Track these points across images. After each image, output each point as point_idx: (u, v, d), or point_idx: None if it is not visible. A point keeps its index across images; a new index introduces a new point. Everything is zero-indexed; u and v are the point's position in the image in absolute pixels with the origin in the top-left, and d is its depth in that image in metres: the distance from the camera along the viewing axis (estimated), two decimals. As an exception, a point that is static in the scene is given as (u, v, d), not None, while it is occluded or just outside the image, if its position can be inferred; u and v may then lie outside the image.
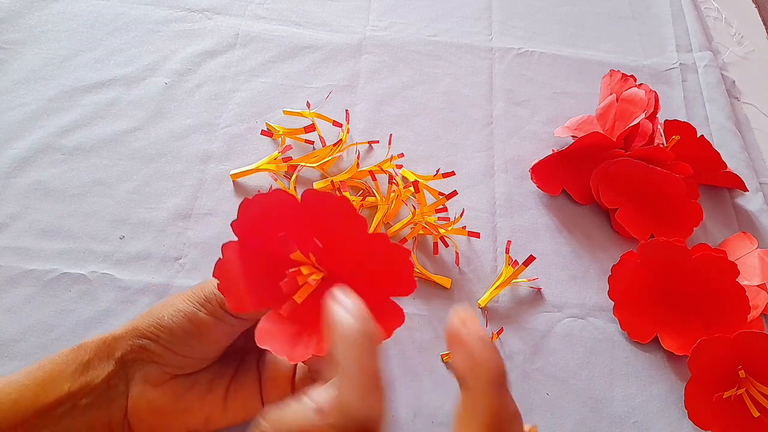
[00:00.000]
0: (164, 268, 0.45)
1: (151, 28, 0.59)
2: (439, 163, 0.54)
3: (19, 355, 0.40)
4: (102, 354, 0.31)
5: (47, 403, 0.29)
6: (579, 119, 0.56)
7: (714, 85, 0.62)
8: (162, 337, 0.31)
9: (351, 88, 0.58)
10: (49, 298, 0.42)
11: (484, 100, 0.59)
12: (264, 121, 0.54)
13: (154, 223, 0.47)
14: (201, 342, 0.32)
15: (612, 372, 0.44)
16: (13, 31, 0.57)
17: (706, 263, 0.44)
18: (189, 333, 0.31)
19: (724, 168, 0.52)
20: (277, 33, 0.61)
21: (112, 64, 0.56)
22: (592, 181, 0.51)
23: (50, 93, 0.53)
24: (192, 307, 0.31)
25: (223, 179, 0.50)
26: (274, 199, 0.29)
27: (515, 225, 0.51)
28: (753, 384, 0.40)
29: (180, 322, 0.31)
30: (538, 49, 0.64)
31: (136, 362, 0.31)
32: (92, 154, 0.50)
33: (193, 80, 0.56)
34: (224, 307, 0.31)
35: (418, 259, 0.47)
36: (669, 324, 0.46)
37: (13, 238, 0.45)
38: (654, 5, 0.70)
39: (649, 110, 0.51)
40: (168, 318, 0.31)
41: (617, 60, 0.64)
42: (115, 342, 0.31)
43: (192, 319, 0.31)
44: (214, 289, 0.31)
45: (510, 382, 0.42)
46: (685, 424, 0.42)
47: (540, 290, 0.47)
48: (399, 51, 0.61)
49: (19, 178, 0.48)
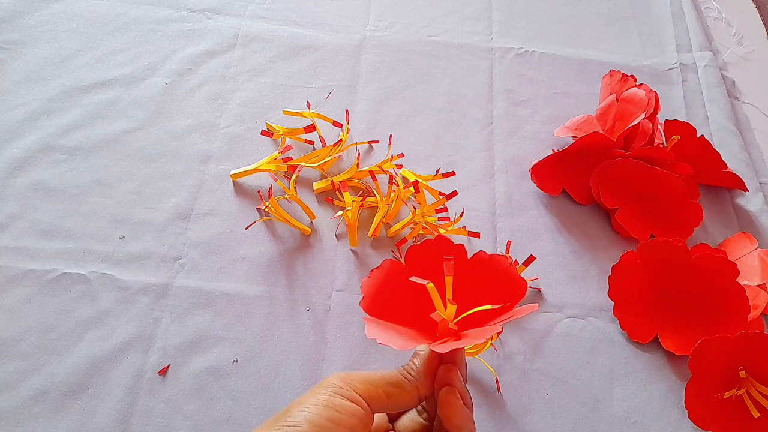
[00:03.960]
0: (164, 268, 0.45)
1: (151, 28, 0.59)
2: (439, 163, 0.54)
3: (19, 355, 0.40)
4: None
5: None
6: (579, 119, 0.56)
7: (714, 85, 0.62)
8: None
9: (351, 88, 0.58)
10: (49, 298, 0.43)
11: (484, 100, 0.59)
12: (264, 121, 0.54)
13: (154, 223, 0.47)
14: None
15: (612, 372, 0.44)
16: (13, 31, 0.57)
17: (706, 263, 0.44)
18: (335, 422, 0.28)
19: (724, 168, 0.52)
20: (277, 33, 0.61)
21: (112, 64, 0.56)
22: (592, 181, 0.51)
23: (50, 93, 0.53)
24: (332, 396, 0.28)
25: (223, 179, 0.50)
26: (385, 270, 0.33)
27: (515, 225, 0.51)
28: (753, 384, 0.40)
29: (327, 414, 0.28)
30: (538, 49, 0.64)
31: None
32: (92, 154, 0.50)
33: (193, 80, 0.56)
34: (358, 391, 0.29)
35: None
36: (669, 324, 0.45)
37: (13, 238, 0.45)
38: (654, 5, 0.70)
39: (649, 110, 0.51)
40: (311, 414, 0.28)
41: (617, 60, 0.64)
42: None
43: (335, 406, 0.28)
44: (337, 380, 0.29)
45: (510, 382, 0.42)
46: (685, 424, 0.42)
47: (540, 290, 0.47)
48: (399, 51, 0.61)
49: (19, 178, 0.48)
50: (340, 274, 0.46)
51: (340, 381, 0.29)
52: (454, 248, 0.33)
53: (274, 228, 0.48)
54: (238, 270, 0.46)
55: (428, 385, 0.31)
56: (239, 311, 0.44)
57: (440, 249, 0.33)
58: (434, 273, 0.31)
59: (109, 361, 0.41)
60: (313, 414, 0.27)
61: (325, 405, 0.28)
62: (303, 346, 0.43)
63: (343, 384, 0.29)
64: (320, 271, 0.46)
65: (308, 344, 0.43)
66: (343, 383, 0.29)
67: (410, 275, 0.31)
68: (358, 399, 0.29)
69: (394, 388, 0.30)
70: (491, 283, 0.32)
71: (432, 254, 0.32)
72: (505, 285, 0.32)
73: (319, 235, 0.48)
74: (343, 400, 0.28)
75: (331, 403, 0.28)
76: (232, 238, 0.47)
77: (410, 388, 0.30)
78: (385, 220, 0.48)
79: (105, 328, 0.42)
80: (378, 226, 0.47)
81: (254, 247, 0.47)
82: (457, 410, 0.30)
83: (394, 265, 0.33)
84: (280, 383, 0.41)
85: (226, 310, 0.44)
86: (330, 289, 0.45)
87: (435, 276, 0.31)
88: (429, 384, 0.31)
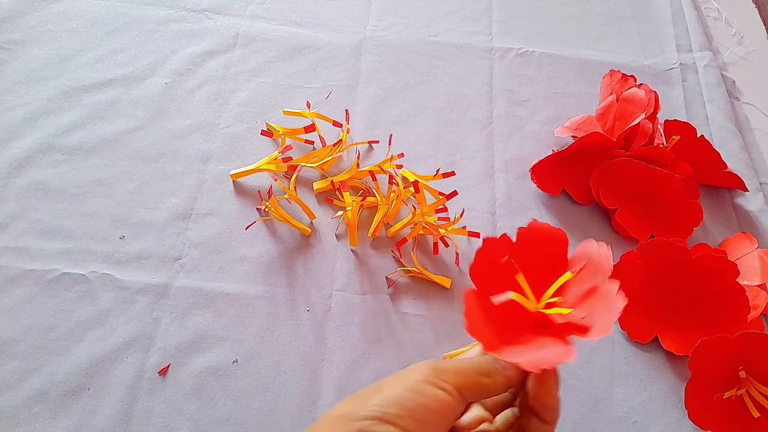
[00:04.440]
0: (164, 268, 0.45)
1: (151, 28, 0.59)
2: (439, 163, 0.54)
3: (19, 355, 0.40)
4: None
5: None
6: (579, 119, 0.56)
7: (714, 85, 0.62)
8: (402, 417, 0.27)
9: (351, 88, 0.58)
10: (49, 298, 0.43)
11: (484, 100, 0.59)
12: (264, 121, 0.54)
13: (154, 223, 0.47)
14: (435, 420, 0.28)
15: (612, 372, 0.44)
16: (13, 31, 0.57)
17: (706, 263, 0.44)
18: (427, 409, 0.27)
19: (724, 168, 0.52)
20: (277, 33, 0.61)
21: (112, 64, 0.56)
22: (592, 181, 0.51)
23: (50, 93, 0.53)
24: (426, 386, 0.28)
25: (223, 179, 0.50)
26: (495, 244, 0.32)
27: (515, 225, 0.51)
28: (753, 384, 0.40)
29: (418, 399, 0.27)
30: (538, 49, 0.64)
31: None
32: (92, 154, 0.50)
33: (193, 80, 0.56)
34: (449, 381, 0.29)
35: (418, 259, 0.47)
36: (669, 324, 0.45)
37: (13, 238, 0.45)
38: (654, 5, 0.70)
39: (649, 110, 0.51)
40: (403, 397, 0.27)
41: (617, 60, 0.64)
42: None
43: (431, 394, 0.28)
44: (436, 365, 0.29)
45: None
46: (685, 424, 0.42)
47: (540, 290, 0.47)
48: (399, 51, 0.61)
49: (19, 178, 0.48)
50: (340, 274, 0.46)
51: (430, 371, 0.29)
52: (559, 239, 0.32)
53: (274, 228, 0.48)
54: (238, 270, 0.46)
55: (518, 372, 0.31)
56: (239, 311, 0.44)
57: (547, 238, 0.32)
58: (538, 262, 0.31)
59: (109, 361, 0.41)
60: (404, 398, 0.27)
61: (414, 390, 0.27)
62: (303, 346, 0.43)
63: (434, 374, 0.29)
64: (320, 271, 0.46)
65: (308, 344, 0.43)
66: (433, 373, 0.29)
67: (520, 255, 0.31)
68: (449, 388, 0.28)
69: (485, 377, 0.30)
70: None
71: (541, 240, 0.32)
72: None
73: (319, 235, 0.48)
74: (434, 389, 0.28)
75: (421, 390, 0.28)
76: (232, 238, 0.47)
77: (500, 378, 0.30)
78: (385, 220, 0.48)
79: (105, 328, 0.42)
80: (378, 226, 0.47)
81: (254, 247, 0.47)
82: (550, 390, 0.29)
83: (505, 242, 0.32)
84: (280, 383, 0.41)
85: (226, 310, 0.44)
86: (330, 289, 0.45)
87: (537, 264, 0.31)
88: (519, 372, 0.31)
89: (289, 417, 0.40)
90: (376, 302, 0.45)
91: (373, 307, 0.45)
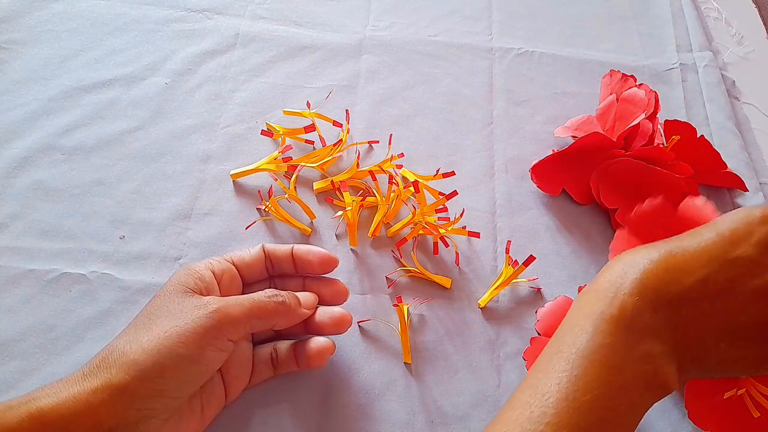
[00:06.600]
0: (164, 268, 0.45)
1: (151, 28, 0.59)
2: (439, 163, 0.54)
3: (19, 355, 0.40)
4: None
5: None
6: (579, 119, 0.56)
7: (714, 85, 0.62)
8: (163, 391, 0.32)
9: (351, 88, 0.58)
10: (49, 298, 0.43)
11: (484, 100, 0.59)
12: (264, 121, 0.54)
13: (154, 223, 0.47)
14: (198, 375, 0.34)
15: (612, 372, 0.44)
16: (13, 31, 0.57)
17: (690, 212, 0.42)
18: (190, 373, 0.33)
19: (724, 168, 0.52)
20: (277, 33, 0.61)
21: (112, 64, 0.56)
22: (592, 181, 0.51)
23: (50, 93, 0.53)
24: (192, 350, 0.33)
25: (223, 179, 0.50)
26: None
27: (515, 225, 0.51)
28: (753, 384, 0.40)
29: (183, 365, 0.32)
30: (538, 49, 0.64)
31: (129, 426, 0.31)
32: (92, 154, 0.50)
33: (193, 80, 0.56)
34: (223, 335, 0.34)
35: (418, 259, 0.47)
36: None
37: (13, 238, 0.45)
38: (654, 5, 0.70)
39: (649, 110, 0.51)
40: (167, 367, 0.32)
41: (617, 60, 0.64)
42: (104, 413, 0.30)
43: (196, 358, 0.33)
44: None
45: (510, 382, 0.42)
46: (685, 424, 0.42)
47: (540, 290, 0.47)
48: (399, 51, 0.61)
49: (19, 178, 0.48)
50: (340, 273, 0.46)
51: (210, 337, 0.34)
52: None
53: (274, 228, 0.48)
54: (238, 270, 0.45)
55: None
56: (239, 311, 0.44)
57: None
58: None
59: (109, 361, 0.40)
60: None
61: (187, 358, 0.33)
62: (303, 346, 0.43)
63: (215, 334, 0.34)
64: (320, 271, 0.46)
65: (308, 344, 0.43)
66: (214, 333, 0.34)
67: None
68: (227, 346, 0.35)
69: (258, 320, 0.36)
70: None
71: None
72: None
73: (319, 235, 0.48)
74: (213, 352, 0.34)
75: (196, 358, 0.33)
76: (232, 238, 0.47)
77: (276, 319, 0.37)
78: (385, 220, 0.48)
79: (105, 328, 0.42)
80: (378, 226, 0.48)
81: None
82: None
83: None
84: (280, 383, 0.41)
85: (226, 310, 0.44)
86: (330, 289, 0.45)
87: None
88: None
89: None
90: (376, 302, 0.45)
91: (373, 307, 0.45)
